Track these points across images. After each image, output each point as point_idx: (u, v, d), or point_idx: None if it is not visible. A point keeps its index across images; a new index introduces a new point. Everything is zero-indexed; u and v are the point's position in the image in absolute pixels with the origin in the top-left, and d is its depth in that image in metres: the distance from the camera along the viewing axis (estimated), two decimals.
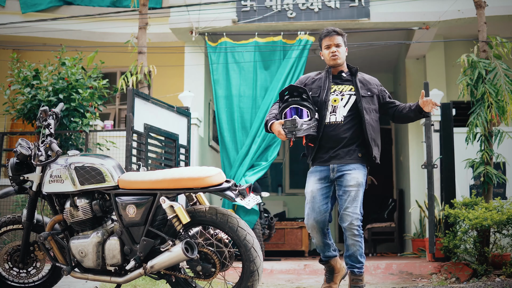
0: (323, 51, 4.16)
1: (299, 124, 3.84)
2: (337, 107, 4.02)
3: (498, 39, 6.15)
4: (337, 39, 4.11)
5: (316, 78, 4.17)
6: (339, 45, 4.11)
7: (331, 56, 4.09)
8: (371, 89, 4.15)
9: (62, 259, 3.73)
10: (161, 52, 8.62)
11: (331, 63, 4.11)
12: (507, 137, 6.09)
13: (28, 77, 7.03)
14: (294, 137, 3.86)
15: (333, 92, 4.06)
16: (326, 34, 4.13)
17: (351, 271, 3.98)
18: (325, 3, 7.81)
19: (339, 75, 4.15)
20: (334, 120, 4.01)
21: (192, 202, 3.75)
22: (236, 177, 7.41)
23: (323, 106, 4.01)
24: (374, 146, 4.04)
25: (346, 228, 3.90)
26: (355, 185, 3.95)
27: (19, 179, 3.85)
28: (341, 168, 3.97)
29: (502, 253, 5.83)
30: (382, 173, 10.89)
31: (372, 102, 4.11)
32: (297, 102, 3.96)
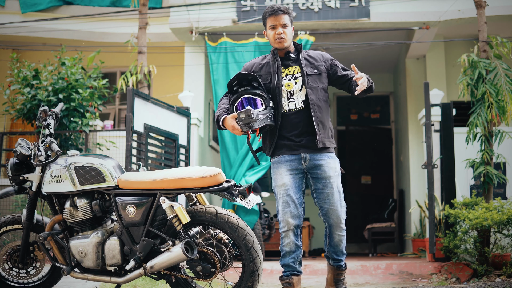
0: (267, 32, 3.78)
1: (254, 115, 3.49)
2: (293, 92, 3.68)
3: (498, 39, 6.15)
4: (283, 18, 3.73)
5: (263, 63, 3.82)
6: (286, 25, 3.74)
7: (277, 39, 3.72)
8: (318, 66, 3.76)
9: (62, 259, 3.73)
10: (161, 52, 8.61)
11: (276, 45, 3.75)
12: (507, 137, 6.08)
13: (28, 77, 7.03)
14: (251, 130, 3.52)
15: (285, 76, 3.72)
16: (271, 13, 3.74)
17: (337, 266, 3.76)
18: (325, 3, 7.81)
19: (287, 57, 3.79)
20: (293, 107, 3.68)
21: (192, 202, 3.75)
22: (236, 177, 7.41)
23: (277, 92, 3.67)
24: (320, 129, 3.63)
25: (334, 224, 3.65)
26: (334, 175, 3.65)
27: (19, 179, 3.85)
28: (314, 157, 3.64)
29: (503, 253, 5.82)
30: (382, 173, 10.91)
31: (320, 80, 3.73)
32: (248, 91, 3.61)
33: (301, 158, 3.66)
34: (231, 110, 3.68)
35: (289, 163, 3.67)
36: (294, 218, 3.62)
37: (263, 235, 7.40)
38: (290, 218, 3.62)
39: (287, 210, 3.62)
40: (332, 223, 3.65)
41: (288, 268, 3.67)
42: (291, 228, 3.62)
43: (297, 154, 3.66)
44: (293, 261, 3.66)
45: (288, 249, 3.65)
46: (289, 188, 3.64)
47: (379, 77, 11.06)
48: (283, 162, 3.68)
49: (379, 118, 11.38)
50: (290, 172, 3.66)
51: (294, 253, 3.66)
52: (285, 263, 3.67)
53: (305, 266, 6.29)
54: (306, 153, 3.65)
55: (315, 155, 3.65)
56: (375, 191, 10.92)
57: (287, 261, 3.66)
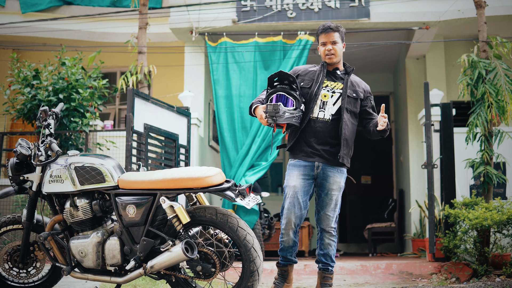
0: (319, 47, 4.12)
1: (281, 111, 3.77)
2: (326, 103, 3.97)
3: (498, 39, 6.15)
4: (333, 36, 4.05)
5: (310, 70, 4.12)
6: (336, 43, 4.06)
7: (326, 55, 4.06)
8: (358, 91, 4.07)
9: (62, 259, 3.73)
10: (161, 52, 8.62)
11: (326, 60, 4.08)
12: (507, 137, 6.08)
13: (28, 77, 7.03)
14: (274, 122, 3.80)
15: (325, 87, 4.01)
16: (323, 31, 4.07)
17: (324, 269, 4.07)
18: (325, 3, 7.81)
19: (333, 72, 4.11)
20: (322, 117, 3.97)
21: (192, 202, 3.75)
22: (236, 177, 7.41)
23: (313, 99, 3.96)
24: (345, 147, 3.95)
25: (325, 229, 4.02)
26: (337, 189, 4.01)
27: (19, 179, 3.85)
28: (326, 168, 3.97)
29: (502, 253, 5.83)
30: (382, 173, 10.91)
31: (355, 105, 4.04)
32: (285, 90, 3.88)
33: (314, 166, 3.98)
34: (266, 102, 3.94)
35: (303, 168, 3.99)
36: (296, 219, 3.98)
37: (263, 235, 7.40)
38: (293, 217, 3.97)
39: (292, 210, 3.97)
40: (323, 227, 4.04)
41: (285, 259, 4.11)
42: (291, 226, 3.99)
43: (312, 162, 3.98)
44: (290, 254, 4.09)
45: (287, 244, 4.05)
46: (298, 191, 3.97)
47: (379, 77, 11.07)
48: (298, 167, 4.00)
49: None
50: (302, 176, 3.98)
51: (291, 248, 4.07)
52: (283, 255, 4.11)
53: (305, 266, 6.29)
54: (320, 162, 3.97)
55: (327, 166, 3.98)
56: (375, 191, 10.92)
57: (285, 253, 4.09)
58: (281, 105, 3.79)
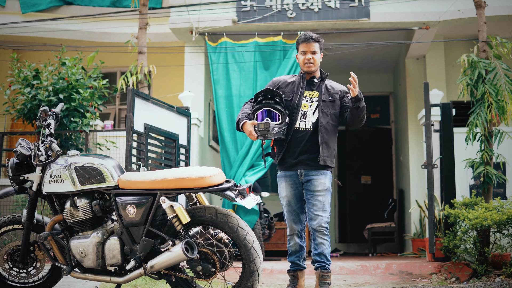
0: (298, 55, 4.27)
1: (271, 128, 3.97)
2: (306, 113, 4.16)
3: (498, 39, 6.15)
4: (313, 46, 4.21)
5: (290, 81, 4.27)
6: (315, 52, 4.21)
7: (305, 63, 4.21)
8: (333, 94, 4.23)
9: (62, 259, 3.74)
10: (161, 52, 8.62)
11: (304, 69, 4.23)
12: (507, 137, 6.08)
13: (28, 77, 7.03)
14: (264, 139, 4.04)
15: (304, 97, 4.18)
16: (303, 40, 4.22)
17: (321, 266, 4.15)
18: (325, 3, 7.81)
19: (311, 81, 4.26)
20: (303, 126, 4.15)
21: (192, 202, 3.75)
22: (236, 177, 7.41)
23: (295, 110, 4.14)
24: (324, 149, 4.11)
25: (316, 229, 4.13)
26: (323, 190, 4.13)
27: (19, 179, 3.85)
28: (308, 173, 4.13)
29: (502, 253, 5.83)
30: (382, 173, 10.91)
31: (333, 107, 4.19)
32: (271, 105, 4.06)
33: (298, 173, 4.17)
34: (252, 117, 4.13)
35: (289, 178, 4.21)
36: (296, 224, 4.23)
37: (263, 235, 7.40)
38: (293, 224, 4.23)
39: (291, 218, 4.23)
40: (314, 227, 4.14)
41: (294, 264, 4.27)
42: (295, 232, 4.23)
43: (295, 170, 4.17)
44: (297, 259, 4.26)
45: (294, 249, 4.25)
46: (290, 200, 4.22)
47: (379, 77, 11.07)
48: (284, 177, 4.23)
49: (379, 118, 11.38)
50: (290, 185, 4.21)
51: (298, 253, 4.26)
52: (291, 260, 4.27)
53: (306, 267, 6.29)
54: (301, 169, 4.15)
55: (309, 171, 4.15)
56: (375, 191, 10.92)
57: (293, 259, 4.26)
58: (271, 122, 3.98)
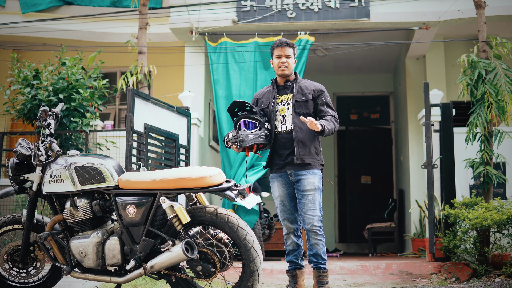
0: (273, 60, 4.40)
1: (243, 136, 4.11)
2: (285, 116, 4.28)
3: (498, 39, 6.15)
4: (287, 50, 4.35)
5: (266, 91, 4.45)
6: (289, 56, 4.35)
7: (280, 67, 4.34)
8: (306, 93, 4.32)
9: (62, 259, 3.74)
10: (161, 52, 8.62)
11: (279, 72, 4.36)
12: (507, 137, 6.08)
13: (28, 77, 7.03)
14: (239, 148, 4.14)
15: (280, 102, 4.32)
16: (278, 45, 4.36)
17: (317, 267, 4.26)
18: (325, 3, 7.81)
19: (285, 85, 4.39)
20: (285, 129, 4.27)
21: (192, 202, 3.75)
22: (236, 177, 7.41)
23: (272, 115, 4.29)
24: (300, 148, 4.19)
25: (309, 229, 4.21)
26: (312, 189, 4.20)
27: (19, 179, 3.85)
28: (297, 173, 4.23)
29: (502, 253, 5.83)
30: (382, 173, 10.91)
31: (306, 106, 4.28)
32: (246, 116, 4.22)
33: (288, 174, 4.28)
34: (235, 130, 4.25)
35: (280, 179, 4.33)
36: (291, 223, 4.32)
37: (263, 235, 7.40)
38: (288, 223, 4.32)
39: (285, 217, 4.32)
40: (307, 228, 4.23)
41: (292, 263, 4.36)
42: (290, 231, 4.32)
43: (285, 171, 4.28)
44: (295, 257, 4.34)
45: (291, 248, 4.34)
46: (283, 200, 4.32)
47: (379, 77, 11.07)
48: (275, 178, 4.35)
49: (379, 118, 11.38)
50: (282, 185, 4.32)
51: (296, 251, 4.34)
52: (289, 259, 4.36)
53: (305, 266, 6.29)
54: (291, 169, 4.25)
55: (298, 171, 4.24)
56: (375, 191, 10.92)
57: (291, 258, 4.35)
58: (243, 131, 4.13)
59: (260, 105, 4.39)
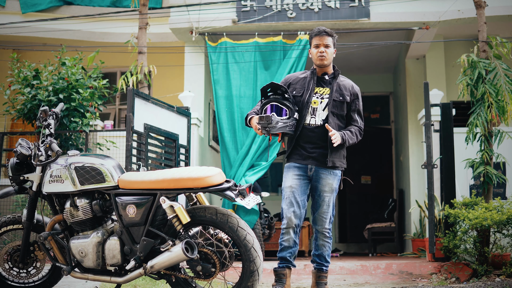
0: (311, 49, 4.22)
1: (274, 122, 3.90)
2: (316, 109, 4.10)
3: (498, 39, 6.15)
4: (327, 39, 4.17)
5: (301, 77, 4.24)
6: (328, 46, 4.17)
7: (319, 56, 4.16)
8: (344, 94, 4.17)
9: (62, 259, 3.73)
10: (161, 52, 8.62)
11: (317, 62, 4.18)
12: (507, 137, 6.09)
13: (28, 77, 7.03)
14: (267, 134, 3.93)
15: (315, 94, 4.14)
16: (317, 33, 4.18)
17: (319, 269, 4.16)
18: (325, 3, 7.81)
19: (322, 77, 4.22)
20: (314, 123, 4.10)
21: (192, 202, 3.75)
22: (236, 177, 7.41)
23: (305, 106, 4.09)
24: (332, 151, 4.07)
25: (319, 230, 4.11)
26: (329, 191, 4.11)
27: (19, 179, 3.85)
28: (318, 170, 4.09)
29: (502, 253, 5.83)
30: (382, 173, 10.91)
31: (341, 108, 4.15)
32: (278, 100, 4.02)
33: (308, 168, 4.10)
34: (260, 112, 4.08)
35: (297, 169, 4.11)
36: (296, 218, 4.06)
37: (263, 235, 7.40)
38: (293, 217, 4.06)
39: (291, 210, 4.06)
40: (318, 229, 4.12)
41: (284, 261, 4.11)
42: (292, 226, 4.07)
43: (305, 164, 4.10)
44: (289, 255, 4.11)
45: (287, 244, 4.09)
46: (295, 190, 4.08)
47: (379, 77, 11.07)
48: (293, 168, 4.12)
49: (379, 118, 11.38)
50: (297, 176, 4.10)
51: (291, 249, 4.10)
52: (283, 256, 4.11)
53: (305, 266, 6.29)
54: (312, 165, 4.09)
55: (319, 169, 4.09)
56: (375, 191, 10.92)
57: (285, 254, 4.10)
58: (273, 116, 3.91)
59: (292, 91, 4.16)
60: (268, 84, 4.05)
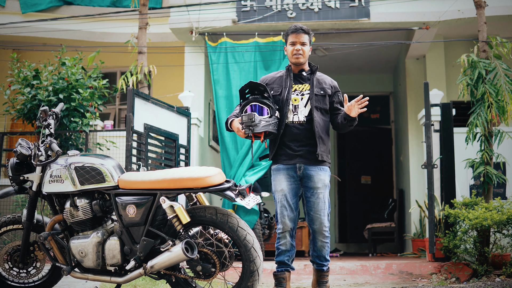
0: (287, 47, 4.15)
1: (257, 120, 3.82)
2: (297, 106, 4.06)
3: (498, 39, 6.15)
4: (303, 37, 4.11)
5: (276, 76, 4.19)
6: (304, 44, 4.11)
7: (294, 54, 4.10)
8: (325, 88, 4.13)
9: (62, 259, 3.74)
10: (161, 52, 8.62)
11: (293, 60, 4.12)
12: (507, 137, 6.08)
13: (28, 77, 7.03)
14: (251, 132, 3.83)
15: (294, 91, 4.09)
16: (293, 31, 4.12)
17: (320, 269, 4.12)
18: (325, 3, 7.81)
19: (299, 74, 4.16)
20: (296, 120, 4.05)
21: (192, 202, 3.75)
22: (236, 177, 7.41)
23: (285, 104, 4.04)
24: (320, 144, 4.00)
25: (317, 230, 4.02)
26: (323, 187, 4.02)
27: (19, 179, 3.85)
28: (307, 167, 4.01)
29: (502, 253, 5.83)
30: (382, 173, 10.91)
31: (324, 101, 4.10)
32: (258, 100, 3.95)
33: (296, 167, 4.03)
34: (240, 114, 3.99)
35: (286, 171, 4.04)
36: (290, 221, 4.03)
37: (263, 235, 7.40)
38: (287, 220, 4.03)
39: (285, 214, 4.03)
40: (316, 229, 4.03)
41: (283, 265, 4.08)
42: (287, 229, 4.04)
43: (293, 164, 4.03)
44: (287, 259, 4.08)
45: (284, 248, 4.06)
46: (286, 194, 4.03)
47: (379, 77, 11.07)
48: (281, 170, 4.06)
49: (379, 118, 11.38)
50: (287, 179, 4.04)
51: (289, 252, 4.07)
52: (281, 260, 4.07)
53: (305, 266, 6.30)
54: (301, 163, 4.02)
55: (308, 166, 4.02)
56: (375, 191, 10.92)
57: (283, 258, 4.07)
58: (255, 114, 3.83)
59: (270, 91, 4.08)
60: (246, 84, 4.00)
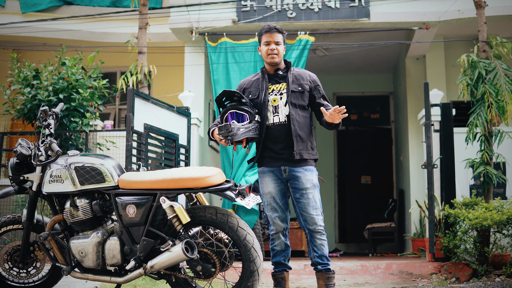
0: (261, 47, 4.09)
1: (234, 129, 3.77)
2: (278, 106, 3.98)
3: (498, 39, 6.15)
4: (277, 36, 4.04)
5: (253, 80, 4.13)
6: (279, 43, 4.04)
7: (269, 54, 4.03)
8: (303, 84, 4.04)
9: (62, 259, 3.74)
10: (161, 52, 8.62)
11: (268, 60, 4.05)
12: (507, 137, 6.08)
13: (28, 77, 7.03)
14: (230, 142, 3.80)
15: (271, 92, 4.02)
16: (267, 30, 4.05)
17: (326, 269, 4.01)
18: (325, 3, 7.81)
19: (275, 74, 4.08)
20: (278, 121, 3.98)
21: (192, 202, 3.76)
22: (236, 177, 7.41)
23: (263, 107, 3.98)
24: (298, 142, 3.92)
25: (313, 230, 3.96)
26: (311, 187, 3.95)
27: (19, 179, 3.85)
28: (292, 169, 3.95)
29: (502, 253, 5.83)
30: (382, 173, 10.91)
31: (302, 98, 4.01)
32: (235, 107, 3.90)
33: (281, 170, 3.98)
34: (221, 123, 3.96)
35: (272, 173, 4.01)
36: (282, 221, 4.02)
37: (263, 235, 7.39)
38: (279, 221, 4.02)
39: (275, 215, 4.01)
40: (311, 229, 3.97)
41: (280, 265, 4.06)
42: (280, 230, 4.03)
43: (278, 167, 3.99)
44: (283, 259, 4.07)
45: (279, 248, 4.05)
46: (274, 196, 4.01)
47: (379, 77, 11.07)
48: (267, 173, 4.03)
49: (379, 118, 11.38)
50: (273, 181, 4.01)
51: (284, 252, 4.06)
52: (277, 260, 4.06)
53: (305, 266, 6.30)
54: (285, 166, 3.97)
55: (293, 168, 3.96)
56: (375, 191, 10.92)
57: (279, 259, 4.06)
58: (233, 123, 3.79)
59: (248, 95, 4.04)
60: (221, 93, 3.96)
